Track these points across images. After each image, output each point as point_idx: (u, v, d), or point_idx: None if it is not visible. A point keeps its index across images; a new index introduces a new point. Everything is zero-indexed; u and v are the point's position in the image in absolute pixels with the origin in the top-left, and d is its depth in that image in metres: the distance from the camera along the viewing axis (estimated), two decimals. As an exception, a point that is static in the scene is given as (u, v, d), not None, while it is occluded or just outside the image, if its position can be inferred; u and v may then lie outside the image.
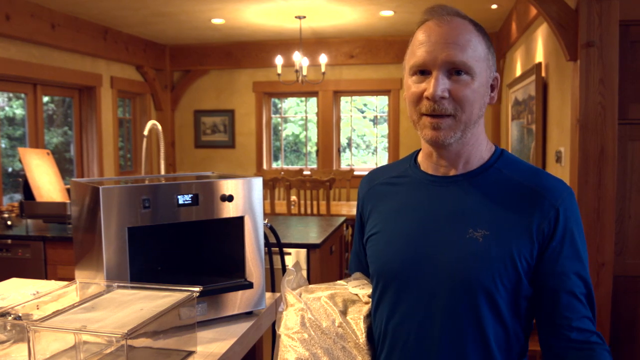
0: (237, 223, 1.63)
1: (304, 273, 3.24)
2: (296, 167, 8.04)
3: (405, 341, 1.21)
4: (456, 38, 1.14)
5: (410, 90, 1.19)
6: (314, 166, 7.99)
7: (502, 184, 1.19)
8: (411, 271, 1.21)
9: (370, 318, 1.32)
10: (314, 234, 3.46)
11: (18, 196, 5.49)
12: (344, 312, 1.33)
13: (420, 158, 1.32)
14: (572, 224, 1.16)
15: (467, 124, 1.17)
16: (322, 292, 1.37)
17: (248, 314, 1.68)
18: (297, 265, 1.47)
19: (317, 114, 7.85)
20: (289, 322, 1.32)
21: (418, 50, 1.17)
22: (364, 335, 1.29)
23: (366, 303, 1.35)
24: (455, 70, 1.14)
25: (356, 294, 1.38)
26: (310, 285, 1.42)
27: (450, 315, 1.16)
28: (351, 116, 7.96)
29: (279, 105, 8.18)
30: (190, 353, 1.36)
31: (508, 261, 1.13)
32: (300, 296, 1.37)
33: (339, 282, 1.44)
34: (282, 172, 7.26)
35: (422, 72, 1.17)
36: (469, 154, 1.22)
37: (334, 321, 1.30)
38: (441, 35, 1.15)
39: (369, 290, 1.36)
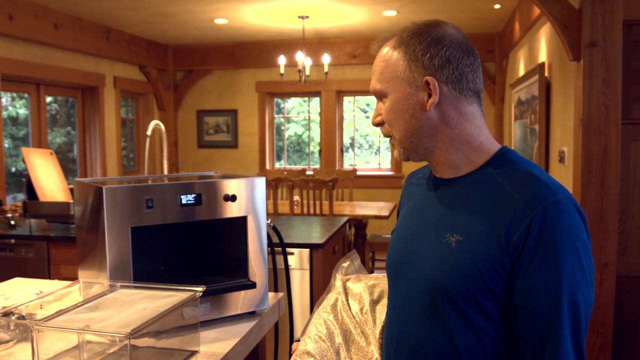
0: (240, 223, 1.64)
1: (307, 273, 3.24)
2: (299, 167, 8.04)
3: (390, 341, 1.25)
4: (374, 68, 1.25)
5: None
6: (317, 166, 7.99)
7: (487, 189, 1.15)
8: (400, 272, 1.24)
9: None
10: (316, 234, 3.46)
11: (21, 196, 5.50)
12: (376, 302, 1.40)
13: None
14: (551, 236, 1.05)
15: (403, 140, 1.22)
16: (367, 281, 1.47)
17: (251, 314, 1.68)
18: (353, 253, 1.57)
19: (320, 113, 7.85)
20: (325, 302, 1.44)
21: None
22: (381, 325, 1.35)
23: None
24: (379, 97, 1.24)
25: None
26: (365, 275, 1.54)
27: (423, 319, 1.16)
28: (354, 116, 7.96)
29: (282, 105, 8.18)
30: (193, 353, 1.36)
31: (474, 269, 1.09)
32: (346, 282, 1.48)
33: None
34: (285, 172, 7.26)
35: None
36: (451, 160, 1.20)
37: (362, 308, 1.39)
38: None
39: None
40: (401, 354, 1.21)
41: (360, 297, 1.41)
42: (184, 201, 1.53)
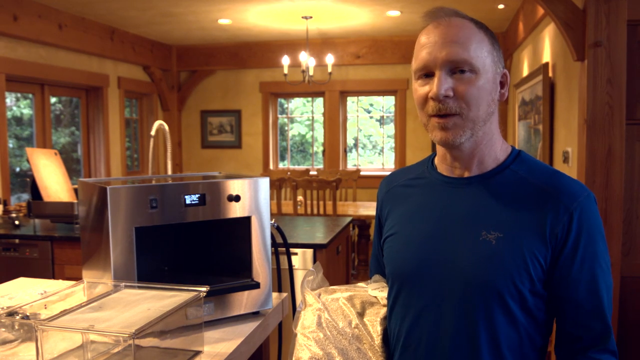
0: (244, 223, 1.64)
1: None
2: (302, 167, 8.04)
3: (417, 343, 1.21)
4: (455, 36, 1.14)
5: (417, 94, 1.19)
6: (321, 166, 7.99)
7: (517, 185, 1.18)
8: (425, 273, 1.21)
9: (387, 320, 1.32)
10: (320, 234, 3.46)
11: (26, 196, 5.51)
12: (361, 314, 1.33)
13: (437, 160, 1.32)
14: (588, 229, 1.14)
15: (476, 121, 1.16)
16: (341, 294, 1.38)
17: (255, 314, 1.68)
18: (317, 266, 1.48)
19: (324, 114, 7.85)
20: (306, 322, 1.34)
21: (419, 53, 1.18)
22: (379, 337, 1.29)
23: (384, 306, 1.35)
24: (458, 69, 1.14)
25: (375, 297, 1.38)
26: (331, 287, 1.44)
27: (462, 318, 1.15)
28: (357, 116, 7.96)
29: (286, 106, 8.19)
30: (197, 353, 1.36)
31: (521, 264, 1.12)
32: (319, 297, 1.38)
33: (359, 284, 1.45)
34: (289, 172, 7.26)
35: (426, 74, 1.17)
36: (482, 155, 1.22)
37: (350, 322, 1.31)
38: (440, 35, 1.15)
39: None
40: (434, 356, 1.19)
41: (343, 312, 1.34)
42: (187, 201, 1.53)
